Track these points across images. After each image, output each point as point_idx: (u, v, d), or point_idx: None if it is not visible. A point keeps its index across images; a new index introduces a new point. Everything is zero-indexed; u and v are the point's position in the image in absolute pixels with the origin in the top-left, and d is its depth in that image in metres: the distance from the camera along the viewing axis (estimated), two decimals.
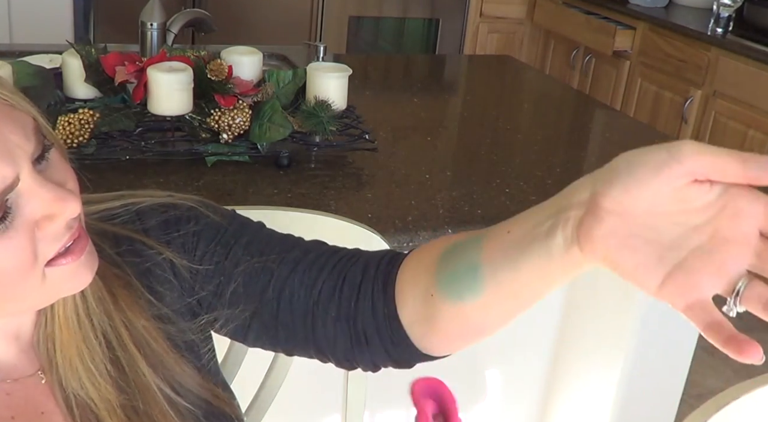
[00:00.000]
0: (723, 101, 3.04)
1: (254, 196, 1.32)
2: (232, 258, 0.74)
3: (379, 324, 0.70)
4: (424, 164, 1.54)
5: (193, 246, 0.75)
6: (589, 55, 3.67)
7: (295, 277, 0.73)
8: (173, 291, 0.74)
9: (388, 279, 0.70)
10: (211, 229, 0.75)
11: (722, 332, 0.50)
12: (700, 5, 3.52)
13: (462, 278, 0.63)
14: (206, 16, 1.86)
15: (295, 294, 0.72)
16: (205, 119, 1.38)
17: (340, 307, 0.71)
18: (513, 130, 1.86)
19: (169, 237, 0.74)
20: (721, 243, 0.51)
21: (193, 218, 0.75)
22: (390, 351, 0.71)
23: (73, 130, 1.29)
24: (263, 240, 0.75)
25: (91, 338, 0.68)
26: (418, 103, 1.95)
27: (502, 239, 0.61)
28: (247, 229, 0.76)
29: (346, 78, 1.48)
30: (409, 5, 3.72)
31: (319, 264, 0.73)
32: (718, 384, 2.46)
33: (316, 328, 0.72)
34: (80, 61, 1.39)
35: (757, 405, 0.83)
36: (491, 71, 2.39)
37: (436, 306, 0.65)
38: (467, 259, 0.63)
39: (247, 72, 1.47)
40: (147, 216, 0.75)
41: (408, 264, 0.70)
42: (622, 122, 2.05)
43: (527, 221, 0.60)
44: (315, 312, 0.72)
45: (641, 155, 0.53)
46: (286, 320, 0.73)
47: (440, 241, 0.69)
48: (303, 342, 0.74)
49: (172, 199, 0.77)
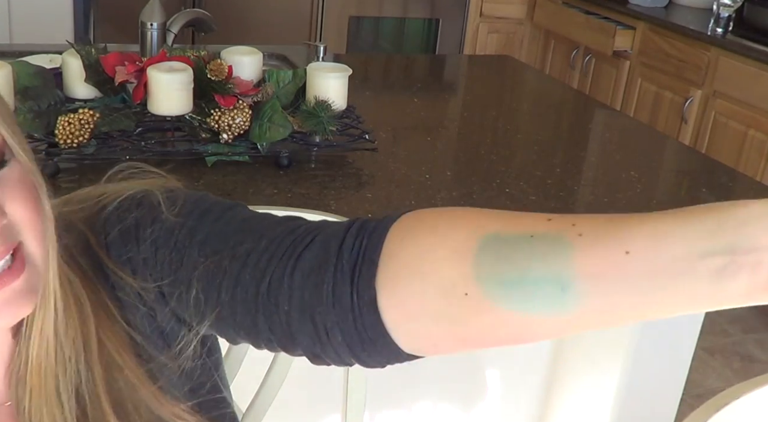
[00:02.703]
0: (723, 101, 3.04)
1: (254, 196, 1.32)
2: (188, 263, 0.64)
3: (341, 316, 0.57)
4: (424, 164, 1.54)
5: (153, 258, 0.66)
6: (589, 55, 3.67)
7: (246, 272, 0.62)
8: (139, 314, 0.68)
9: (361, 258, 0.57)
10: (167, 233, 0.66)
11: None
12: (700, 5, 3.52)
13: (537, 289, 0.52)
14: (206, 16, 1.86)
15: (247, 291, 0.62)
16: (205, 119, 1.38)
17: (291, 299, 0.59)
18: (513, 130, 1.86)
19: (129, 252, 0.67)
20: None
21: (150, 221, 0.67)
22: (356, 349, 0.59)
23: (73, 130, 1.29)
24: (219, 234, 0.64)
25: (62, 390, 0.63)
26: (418, 103, 1.95)
27: (616, 258, 0.50)
28: (205, 222, 0.66)
29: (346, 78, 1.48)
30: (409, 5, 3.72)
31: (270, 252, 0.61)
32: (718, 384, 2.46)
33: (272, 326, 0.61)
34: (80, 61, 1.39)
35: (757, 405, 0.83)
36: (491, 71, 2.39)
37: (471, 307, 0.54)
38: (545, 267, 0.51)
39: (247, 72, 1.47)
40: (110, 224, 0.68)
41: (404, 243, 0.57)
42: (622, 122, 2.05)
43: (661, 245, 0.49)
44: (267, 309, 0.61)
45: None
46: (245, 322, 0.63)
47: (463, 220, 0.56)
48: (268, 343, 0.63)
49: (139, 188, 0.69)
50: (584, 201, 1.44)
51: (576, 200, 1.44)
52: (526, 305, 0.52)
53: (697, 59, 3.13)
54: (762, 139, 2.89)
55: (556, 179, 1.51)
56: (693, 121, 3.17)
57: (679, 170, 1.71)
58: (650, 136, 1.92)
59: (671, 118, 3.27)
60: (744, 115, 2.96)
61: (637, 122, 2.15)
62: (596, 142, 1.85)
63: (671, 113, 3.27)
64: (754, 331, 2.82)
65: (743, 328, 2.83)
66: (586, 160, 1.70)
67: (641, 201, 1.45)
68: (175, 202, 0.67)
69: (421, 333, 0.57)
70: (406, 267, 0.56)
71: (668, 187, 1.60)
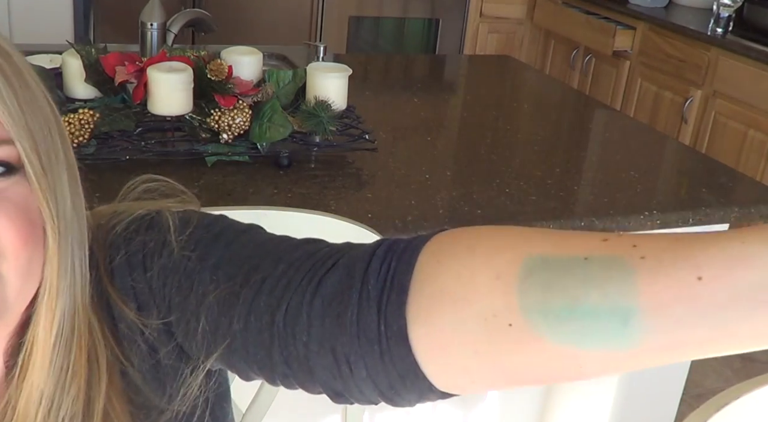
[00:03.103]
0: (723, 101, 3.04)
1: (254, 196, 1.32)
2: (198, 289, 0.59)
3: (366, 349, 0.51)
4: (424, 164, 1.54)
5: (161, 286, 0.61)
6: (589, 55, 3.67)
7: (261, 299, 0.56)
8: (139, 351, 0.62)
9: (389, 284, 0.51)
10: (177, 260, 0.61)
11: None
12: (700, 5, 3.52)
13: (593, 322, 0.45)
14: (206, 16, 1.86)
15: (261, 319, 0.56)
16: (205, 119, 1.38)
17: (310, 329, 0.53)
18: (513, 130, 1.86)
19: (134, 280, 0.62)
20: None
21: (159, 247, 0.62)
22: (382, 386, 0.52)
23: (73, 130, 1.29)
24: (232, 259, 0.59)
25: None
26: (418, 103, 1.95)
27: (687, 286, 0.43)
28: (217, 247, 0.60)
29: (346, 78, 1.48)
30: (409, 5, 3.72)
31: (288, 277, 0.55)
32: (718, 384, 2.46)
33: (289, 360, 0.55)
34: (80, 61, 1.39)
35: (757, 405, 0.82)
36: (491, 71, 2.39)
37: (516, 340, 0.47)
38: (602, 297, 0.45)
39: (247, 72, 1.47)
40: (117, 248, 0.63)
41: (439, 265, 0.50)
42: (622, 122, 2.05)
43: (737, 270, 0.42)
44: (284, 341, 0.55)
45: None
46: (259, 355, 0.57)
47: (506, 240, 0.50)
48: (284, 379, 0.57)
49: (145, 211, 0.65)
50: (584, 201, 1.44)
51: (576, 200, 1.44)
52: (579, 339, 0.46)
53: (697, 59, 3.13)
54: (762, 139, 2.89)
55: (556, 179, 1.51)
56: (693, 121, 3.17)
57: (679, 170, 1.71)
58: (650, 136, 1.92)
59: (671, 118, 3.27)
60: (744, 115, 2.96)
61: (637, 122, 2.15)
62: (596, 142, 1.85)
63: (671, 113, 3.27)
64: None
65: None
66: (586, 160, 1.70)
67: (641, 201, 1.45)
68: (187, 225, 0.62)
69: (457, 368, 0.50)
70: (440, 294, 0.49)
71: (668, 187, 1.60)
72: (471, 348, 0.48)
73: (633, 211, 1.40)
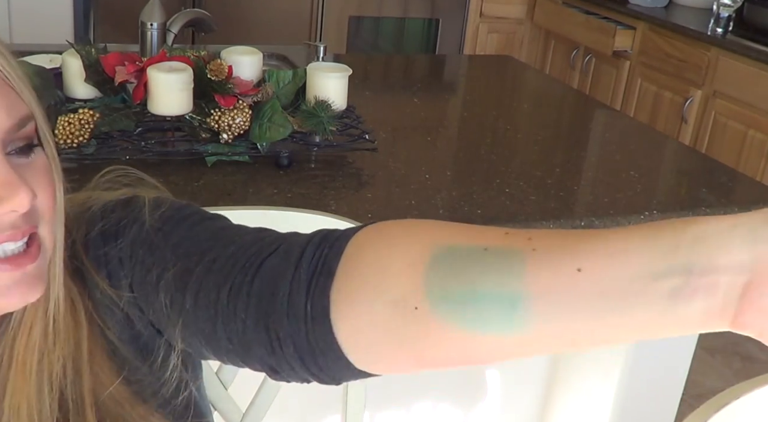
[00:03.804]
0: (723, 101, 3.04)
1: (254, 196, 1.32)
2: (158, 265, 0.64)
3: (294, 328, 0.56)
4: (424, 164, 1.54)
5: (128, 258, 0.66)
6: (589, 55, 3.67)
7: (210, 278, 0.60)
8: (115, 317, 0.67)
9: (318, 269, 0.56)
10: (144, 234, 0.65)
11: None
12: (700, 5, 3.52)
13: (486, 307, 0.49)
14: (206, 16, 1.86)
15: (209, 296, 0.60)
16: (205, 119, 1.38)
17: (248, 307, 0.58)
18: (513, 130, 1.86)
19: (107, 251, 0.66)
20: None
21: (131, 222, 0.66)
22: (308, 362, 0.57)
23: (73, 130, 1.29)
24: (192, 239, 0.64)
25: (45, 391, 0.61)
26: (418, 103, 1.95)
27: (567, 275, 0.47)
28: (181, 228, 0.65)
29: (346, 78, 1.48)
30: (409, 5, 3.72)
31: (235, 258, 0.60)
32: (718, 384, 2.46)
33: (229, 335, 0.60)
34: (80, 61, 1.39)
35: (757, 405, 0.82)
36: (491, 71, 2.39)
37: (420, 323, 0.51)
38: (495, 283, 0.48)
39: (247, 72, 1.47)
40: (92, 224, 0.67)
41: (360, 254, 0.55)
42: (622, 122, 2.05)
43: (615, 263, 0.45)
44: (226, 316, 0.59)
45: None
46: (206, 329, 0.61)
47: (421, 232, 0.54)
48: (227, 354, 0.62)
49: (125, 194, 0.70)
50: (584, 201, 1.44)
51: (576, 200, 1.44)
52: (475, 324, 0.49)
53: (697, 59, 3.13)
54: (762, 139, 2.89)
55: (556, 179, 1.51)
56: (693, 121, 3.17)
57: (679, 170, 1.71)
58: (650, 136, 1.92)
59: (671, 118, 3.27)
60: (744, 115, 2.96)
61: (637, 122, 2.15)
62: (596, 142, 1.85)
63: (671, 113, 3.27)
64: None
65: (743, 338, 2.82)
66: (586, 160, 1.70)
67: (641, 201, 1.45)
68: (160, 206, 0.67)
69: (371, 348, 0.54)
70: (359, 279, 0.54)
71: (668, 187, 1.60)
72: (382, 330, 0.53)
73: (633, 210, 1.40)
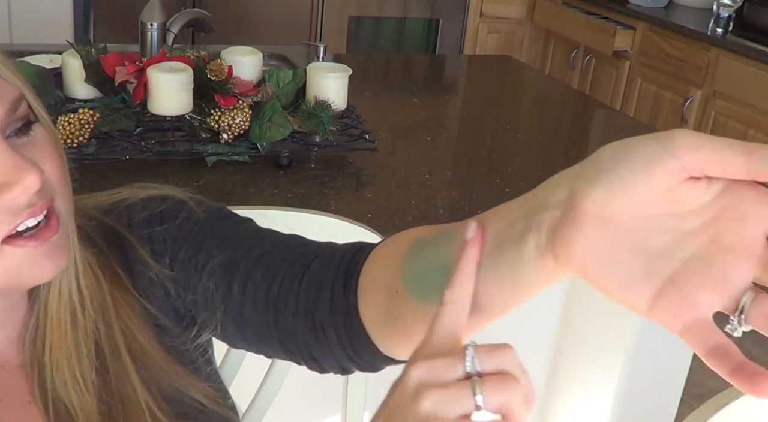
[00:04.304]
0: (723, 101, 3.04)
1: (254, 196, 1.32)
2: (204, 253, 0.71)
3: (336, 319, 0.64)
4: (424, 164, 1.54)
5: (172, 241, 0.73)
6: (589, 55, 3.67)
7: (258, 270, 0.69)
8: (156, 289, 0.72)
9: (350, 271, 0.65)
10: (191, 223, 0.73)
11: (728, 359, 0.42)
12: (700, 5, 3.52)
13: (430, 277, 0.55)
14: (206, 16, 1.86)
15: (257, 288, 0.68)
16: (205, 119, 1.38)
17: (298, 300, 0.66)
18: (513, 130, 1.86)
19: (151, 231, 0.73)
20: (721, 251, 0.43)
21: (177, 211, 0.73)
22: (348, 350, 0.65)
23: (73, 130, 1.29)
24: (237, 234, 0.72)
25: (81, 344, 0.66)
26: (418, 103, 1.95)
27: None
28: (225, 223, 0.74)
29: (346, 78, 1.48)
30: (409, 5, 3.72)
31: (283, 256, 0.69)
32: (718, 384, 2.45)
33: (278, 323, 0.68)
34: (80, 61, 1.39)
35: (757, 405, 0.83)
36: (491, 71, 2.39)
37: (401, 304, 0.58)
38: (437, 256, 0.56)
39: (247, 72, 1.47)
40: (134, 211, 0.73)
41: (374, 257, 0.64)
42: (622, 122, 2.05)
43: (500, 221, 0.52)
44: (276, 307, 0.67)
45: (628, 148, 0.44)
46: (251, 317, 0.69)
47: (409, 233, 0.62)
48: (268, 340, 0.70)
49: (161, 191, 0.75)
50: None
51: None
52: (425, 294, 0.56)
53: (697, 59, 3.13)
54: (762, 139, 2.89)
55: None
56: (693, 121, 3.17)
57: None
58: None
59: (671, 118, 3.27)
60: (744, 115, 2.96)
61: (637, 122, 2.15)
62: (596, 142, 1.85)
63: (671, 113, 3.27)
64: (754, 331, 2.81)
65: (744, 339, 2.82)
66: None
67: None
68: (202, 202, 0.75)
69: (386, 334, 0.62)
70: (370, 276, 0.63)
71: None
72: (385, 316, 0.61)
73: None
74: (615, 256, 0.44)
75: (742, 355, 0.42)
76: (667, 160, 0.42)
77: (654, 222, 0.44)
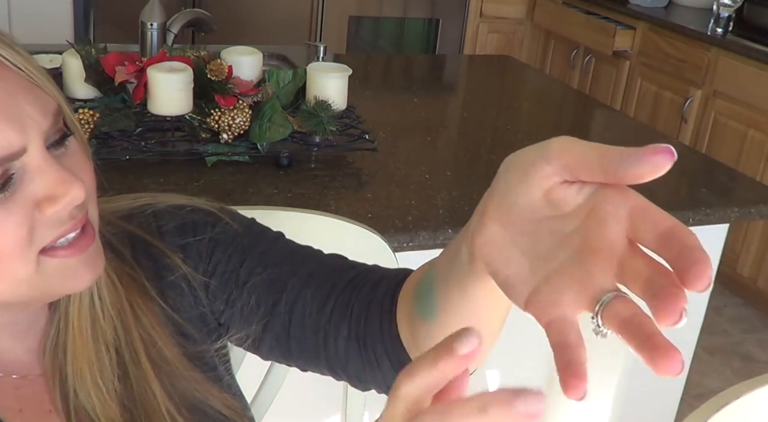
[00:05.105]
0: (723, 101, 3.04)
1: (254, 196, 1.32)
2: (246, 268, 0.72)
3: (386, 345, 0.67)
4: (424, 164, 1.54)
5: (209, 254, 0.73)
6: (589, 55, 3.67)
7: (308, 292, 0.71)
8: (184, 297, 0.73)
9: (393, 298, 0.68)
10: (228, 237, 0.74)
11: (565, 356, 0.45)
12: (700, 5, 3.52)
13: (424, 297, 0.61)
14: (206, 16, 1.86)
15: (307, 309, 0.70)
16: (205, 119, 1.38)
17: (350, 326, 0.69)
18: (513, 130, 1.86)
19: (185, 241, 0.73)
20: (588, 252, 0.44)
21: (210, 224, 0.74)
22: None
23: None
24: (279, 250, 0.74)
25: (102, 351, 0.67)
26: (418, 103, 1.95)
27: (445, 254, 0.58)
28: (264, 239, 0.75)
29: (346, 78, 1.48)
30: (409, 5, 3.72)
31: (333, 280, 0.71)
32: (718, 384, 2.46)
33: (327, 346, 0.70)
34: (80, 61, 1.39)
35: (757, 405, 0.83)
36: (491, 71, 2.39)
37: (416, 326, 0.63)
38: (429, 278, 0.61)
39: (247, 72, 1.47)
40: (164, 219, 0.74)
41: (406, 284, 0.67)
42: (622, 122, 2.05)
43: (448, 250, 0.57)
44: (327, 330, 0.70)
45: (518, 155, 0.48)
46: (298, 335, 0.71)
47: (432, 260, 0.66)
48: (315, 359, 0.72)
49: (191, 201, 0.76)
50: None
51: None
52: (422, 314, 0.61)
53: (697, 59, 3.13)
54: (762, 139, 2.89)
55: None
56: (693, 121, 3.17)
57: (679, 170, 1.71)
58: (650, 136, 1.92)
59: (671, 118, 3.27)
60: (744, 115, 2.96)
61: (637, 122, 2.15)
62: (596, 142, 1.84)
63: (671, 113, 3.27)
64: (754, 331, 2.82)
65: (743, 328, 2.82)
66: None
67: None
68: (233, 216, 0.76)
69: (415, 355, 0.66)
70: (402, 305, 0.66)
71: (668, 186, 1.60)
72: (410, 341, 0.65)
73: None
74: (507, 255, 0.48)
75: (582, 357, 0.45)
76: (542, 164, 0.45)
77: (541, 225, 0.46)
